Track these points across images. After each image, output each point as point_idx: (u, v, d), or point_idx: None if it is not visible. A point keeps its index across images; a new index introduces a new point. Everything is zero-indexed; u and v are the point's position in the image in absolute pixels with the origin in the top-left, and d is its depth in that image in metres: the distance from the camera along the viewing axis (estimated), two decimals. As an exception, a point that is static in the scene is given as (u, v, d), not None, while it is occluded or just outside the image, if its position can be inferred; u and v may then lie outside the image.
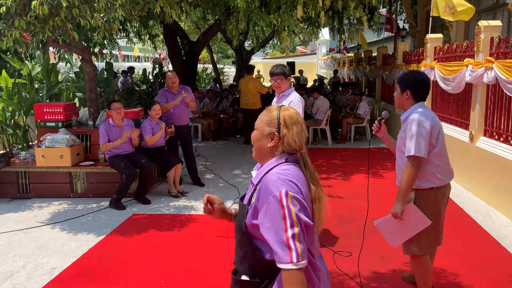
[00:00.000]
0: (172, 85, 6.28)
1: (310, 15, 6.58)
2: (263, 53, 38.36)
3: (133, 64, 26.60)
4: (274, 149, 1.74)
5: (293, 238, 1.54)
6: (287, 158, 1.71)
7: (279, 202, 1.57)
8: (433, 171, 2.89)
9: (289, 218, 1.55)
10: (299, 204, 1.58)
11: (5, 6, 4.39)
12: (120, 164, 5.51)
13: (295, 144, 1.71)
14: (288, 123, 1.72)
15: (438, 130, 2.88)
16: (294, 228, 1.55)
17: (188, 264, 3.86)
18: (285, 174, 1.63)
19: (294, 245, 1.54)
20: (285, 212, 1.56)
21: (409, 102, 2.96)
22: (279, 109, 1.77)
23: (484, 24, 5.65)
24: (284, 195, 1.57)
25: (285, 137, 1.71)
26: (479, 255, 3.99)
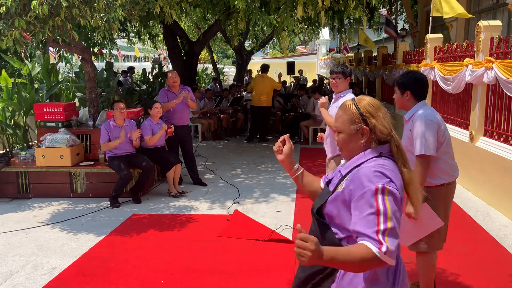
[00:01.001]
0: (173, 85, 6.28)
1: (310, 15, 6.57)
2: (263, 53, 38.34)
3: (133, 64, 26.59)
4: (368, 143, 1.68)
5: (383, 234, 1.48)
6: (381, 152, 1.66)
7: (374, 196, 1.52)
8: (443, 167, 2.92)
9: (384, 214, 1.50)
10: (395, 201, 1.54)
11: (5, 6, 4.39)
12: (119, 165, 5.51)
13: (386, 129, 1.66)
14: (372, 112, 1.67)
15: (443, 127, 2.92)
16: (387, 223, 1.49)
17: (188, 264, 3.86)
18: (382, 168, 1.58)
19: (383, 240, 1.47)
20: (380, 208, 1.51)
21: (411, 102, 2.97)
22: (355, 103, 1.70)
23: (484, 24, 5.65)
24: (381, 190, 1.53)
25: (375, 127, 1.66)
26: (479, 255, 3.99)
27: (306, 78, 21.03)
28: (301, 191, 6.02)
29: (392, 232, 1.49)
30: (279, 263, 3.85)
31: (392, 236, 1.48)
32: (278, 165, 7.71)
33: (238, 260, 3.94)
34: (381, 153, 1.65)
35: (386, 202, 1.51)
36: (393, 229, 1.49)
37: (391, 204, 1.51)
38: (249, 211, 5.26)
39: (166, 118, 6.32)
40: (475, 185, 5.78)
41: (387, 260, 1.47)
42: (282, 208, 5.36)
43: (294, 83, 16.94)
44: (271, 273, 3.68)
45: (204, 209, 5.40)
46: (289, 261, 3.88)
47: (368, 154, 1.65)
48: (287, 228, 4.69)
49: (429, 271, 3.06)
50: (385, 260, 1.47)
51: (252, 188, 6.27)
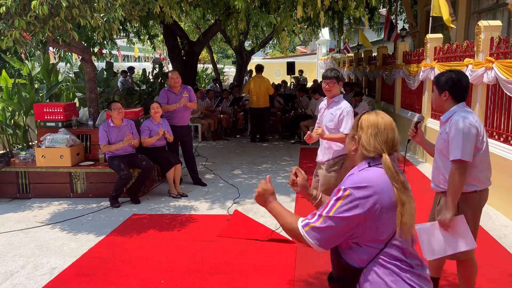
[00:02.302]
0: (174, 85, 6.27)
1: (310, 15, 6.57)
2: (263, 53, 38.36)
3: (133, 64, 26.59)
4: (355, 152, 1.79)
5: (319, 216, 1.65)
6: (369, 162, 1.73)
7: (334, 194, 1.66)
8: (477, 175, 2.80)
9: (329, 209, 1.64)
10: (353, 211, 1.61)
11: (5, 6, 4.39)
12: (119, 165, 5.51)
13: (368, 146, 1.73)
14: (363, 125, 1.76)
15: (483, 133, 2.79)
16: (328, 212, 1.64)
17: (188, 264, 3.86)
18: (359, 175, 1.68)
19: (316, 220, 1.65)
20: (330, 203, 1.65)
21: (449, 103, 2.83)
22: (363, 113, 1.82)
23: (484, 24, 5.65)
24: (342, 191, 1.64)
25: (360, 139, 1.76)
26: (479, 255, 3.97)
27: (306, 78, 21.03)
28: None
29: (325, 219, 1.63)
30: (279, 263, 3.84)
31: (324, 221, 1.64)
32: (278, 165, 7.71)
33: (238, 260, 3.94)
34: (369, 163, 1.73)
35: (338, 201, 1.63)
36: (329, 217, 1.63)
37: (342, 204, 1.62)
38: (249, 211, 5.26)
39: (167, 118, 6.33)
40: (475, 185, 5.77)
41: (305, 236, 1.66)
42: (282, 208, 5.35)
43: (294, 83, 16.94)
44: (271, 273, 3.67)
45: (204, 209, 5.40)
46: (289, 261, 3.88)
47: (362, 165, 1.75)
48: (287, 228, 4.68)
49: (474, 277, 2.99)
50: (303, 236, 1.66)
51: (252, 188, 6.27)
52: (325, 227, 1.63)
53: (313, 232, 1.64)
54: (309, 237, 1.65)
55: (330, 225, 1.62)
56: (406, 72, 9.02)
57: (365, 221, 1.61)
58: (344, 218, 1.61)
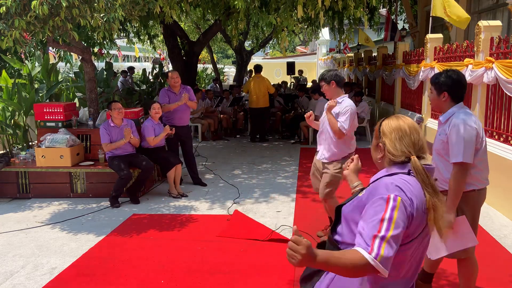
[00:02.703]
0: (174, 85, 6.28)
1: (310, 15, 6.57)
2: (263, 53, 38.36)
3: (133, 64, 26.60)
4: (383, 160, 1.76)
5: (381, 239, 1.51)
6: (407, 169, 1.68)
7: (385, 204, 1.55)
8: (476, 175, 2.83)
9: (388, 221, 1.52)
10: (405, 213, 1.55)
11: (5, 6, 4.39)
12: (119, 165, 5.51)
13: (395, 150, 1.69)
14: (385, 131, 1.74)
15: (482, 133, 2.81)
16: (388, 231, 1.51)
17: (188, 264, 3.86)
18: (398, 181, 1.62)
19: (379, 245, 1.50)
20: (386, 216, 1.53)
21: (448, 104, 2.85)
22: (382, 120, 1.80)
23: (484, 24, 5.65)
24: (393, 200, 1.55)
25: (385, 145, 1.73)
26: (479, 255, 3.96)
27: (306, 78, 21.04)
28: (302, 191, 6.03)
29: (390, 241, 1.50)
30: (279, 263, 3.85)
31: (389, 244, 1.50)
32: (278, 165, 7.71)
33: (238, 260, 3.94)
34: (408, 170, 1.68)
35: (394, 212, 1.53)
36: (393, 237, 1.50)
37: (399, 215, 1.53)
38: (249, 211, 5.26)
39: (167, 118, 6.33)
40: (475, 185, 5.77)
41: (378, 267, 1.48)
42: (282, 208, 5.36)
43: (294, 83, 16.94)
44: (271, 273, 3.68)
45: (204, 209, 5.40)
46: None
47: (392, 169, 1.70)
48: (287, 228, 4.69)
49: (474, 276, 3.01)
50: (377, 267, 1.48)
51: (252, 188, 6.27)
52: (394, 248, 1.51)
53: (387, 260, 1.50)
54: (383, 266, 1.49)
55: (397, 243, 1.53)
56: (406, 72, 9.02)
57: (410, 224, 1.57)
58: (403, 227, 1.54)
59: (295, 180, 6.67)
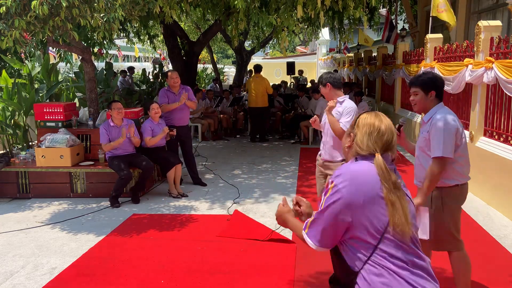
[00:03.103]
0: (173, 85, 6.27)
1: (310, 15, 6.58)
2: (263, 53, 38.35)
3: (133, 64, 26.60)
4: (349, 149, 1.81)
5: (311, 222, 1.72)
6: (356, 158, 1.76)
7: (325, 189, 1.71)
8: (458, 170, 2.95)
9: (320, 205, 1.70)
10: (335, 197, 1.64)
11: (5, 6, 4.39)
12: (119, 165, 5.51)
13: (362, 144, 1.74)
14: (360, 124, 1.78)
15: (461, 130, 2.92)
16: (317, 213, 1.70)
17: (188, 264, 3.86)
18: (344, 167, 1.71)
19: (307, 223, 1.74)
20: (321, 198, 1.71)
21: (433, 103, 2.96)
22: (362, 114, 1.83)
23: (484, 24, 5.65)
24: (329, 184, 1.69)
25: (355, 137, 1.78)
26: (479, 255, 3.99)
27: (306, 78, 21.03)
28: (302, 191, 6.03)
29: (313, 222, 1.70)
30: (279, 263, 3.85)
31: (312, 225, 1.71)
32: (278, 165, 7.71)
33: (238, 260, 3.94)
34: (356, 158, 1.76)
35: (325, 195, 1.68)
36: (316, 218, 1.69)
37: (328, 200, 1.66)
38: (249, 211, 5.26)
39: (166, 118, 6.32)
40: (475, 185, 5.78)
41: (307, 239, 1.72)
42: (282, 208, 5.35)
43: (294, 84, 16.94)
44: (271, 273, 3.67)
45: (204, 209, 5.40)
46: (289, 261, 3.88)
47: (351, 161, 1.78)
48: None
49: (468, 270, 3.07)
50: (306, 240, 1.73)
51: (252, 188, 6.28)
52: (318, 223, 1.68)
53: (311, 231, 1.70)
54: (309, 238, 1.71)
55: (322, 220, 1.67)
56: (406, 72, 9.02)
57: (351, 210, 1.62)
58: (331, 208, 1.64)
59: (295, 180, 6.67)
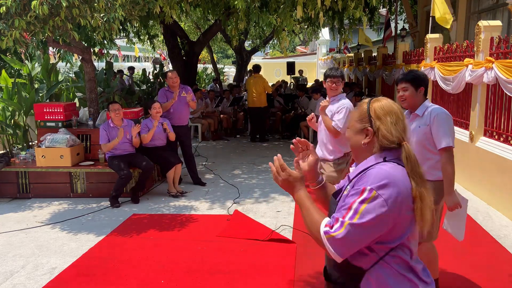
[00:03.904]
0: (173, 85, 6.27)
1: (310, 15, 6.58)
2: (263, 53, 38.34)
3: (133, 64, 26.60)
4: (370, 146, 1.62)
5: (341, 225, 1.47)
6: (385, 157, 1.57)
7: (356, 194, 1.50)
8: None
9: (353, 213, 1.47)
10: (379, 211, 1.45)
11: (5, 6, 4.39)
12: (119, 165, 5.52)
13: (391, 136, 1.57)
14: (379, 114, 1.60)
15: None
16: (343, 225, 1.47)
17: (188, 264, 3.86)
18: (381, 171, 1.51)
19: (337, 229, 1.48)
20: (353, 205, 1.48)
21: (421, 99, 3.04)
22: (369, 102, 1.65)
23: (484, 24, 5.64)
24: (367, 192, 1.47)
25: (379, 130, 1.59)
26: (479, 255, 3.99)
27: (306, 78, 21.04)
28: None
29: (348, 227, 1.46)
30: (279, 263, 3.85)
31: (346, 230, 1.46)
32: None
33: (238, 260, 3.94)
34: (385, 158, 1.58)
35: (363, 203, 1.47)
36: (351, 225, 1.46)
37: (368, 211, 1.46)
38: (249, 211, 5.26)
39: (165, 118, 6.32)
40: (475, 185, 5.78)
41: (325, 244, 1.49)
42: (282, 208, 5.36)
43: (294, 84, 16.94)
44: (271, 273, 3.67)
45: (204, 209, 5.40)
46: (289, 261, 3.88)
47: (376, 159, 1.59)
48: (287, 228, 4.69)
49: (436, 259, 3.18)
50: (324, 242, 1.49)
51: (252, 188, 6.28)
52: (349, 236, 1.46)
53: (335, 242, 1.48)
54: (330, 246, 1.49)
55: (355, 234, 1.46)
56: (406, 72, 9.00)
57: (390, 221, 1.48)
58: (371, 224, 1.45)
59: (295, 180, 6.66)
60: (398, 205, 1.48)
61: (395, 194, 1.47)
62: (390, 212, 1.46)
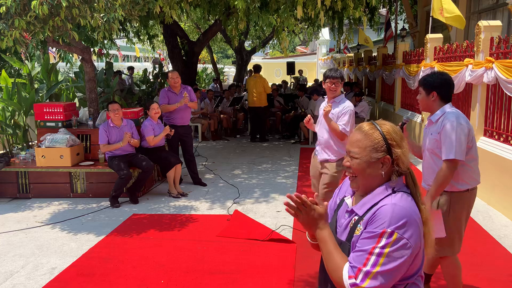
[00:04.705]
0: (174, 85, 6.28)
1: (310, 15, 6.58)
2: (263, 53, 38.34)
3: (133, 64, 26.61)
4: (387, 175, 1.53)
5: (365, 275, 1.39)
6: (394, 188, 1.51)
7: (375, 238, 1.41)
8: (469, 173, 2.88)
9: (375, 260, 1.39)
10: (405, 252, 1.40)
11: (5, 6, 4.39)
12: (119, 165, 5.52)
13: (407, 162, 1.52)
14: (398, 141, 1.51)
15: (472, 132, 2.88)
16: (375, 267, 1.39)
17: (188, 264, 3.86)
18: (396, 209, 1.43)
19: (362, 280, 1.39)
20: (374, 251, 1.40)
21: (437, 104, 2.91)
22: (379, 129, 1.53)
23: (484, 24, 5.65)
24: (387, 236, 1.39)
25: (399, 159, 1.50)
26: (479, 255, 3.99)
27: (306, 78, 21.04)
28: (302, 191, 6.02)
29: (375, 276, 1.39)
30: (279, 263, 3.84)
31: (374, 279, 1.39)
32: (278, 165, 7.71)
33: (238, 260, 3.94)
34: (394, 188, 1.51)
35: (386, 248, 1.39)
36: (378, 273, 1.39)
37: (391, 250, 1.39)
38: (249, 211, 5.26)
39: (167, 118, 6.33)
40: (475, 185, 5.77)
41: None
42: (282, 208, 5.36)
43: (294, 83, 16.94)
44: (271, 273, 3.67)
45: (204, 209, 5.40)
46: (289, 261, 3.88)
47: (384, 191, 1.51)
48: (287, 228, 4.69)
49: (457, 274, 3.06)
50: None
51: (252, 188, 6.28)
52: (379, 280, 1.38)
53: (373, 281, 1.38)
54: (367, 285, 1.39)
55: (381, 281, 1.38)
56: (406, 72, 9.02)
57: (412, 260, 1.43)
58: (396, 268, 1.38)
59: (295, 180, 6.67)
60: (420, 240, 1.43)
61: (416, 230, 1.42)
62: (414, 250, 1.42)
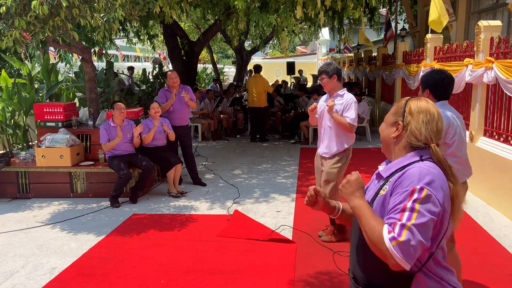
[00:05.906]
0: (173, 85, 6.27)
1: (310, 15, 6.58)
2: (263, 53, 38.35)
3: (133, 64, 26.61)
4: (398, 140, 1.63)
5: (401, 228, 1.43)
6: (422, 156, 1.56)
7: (407, 195, 1.46)
8: None
9: (409, 214, 1.43)
10: (435, 208, 1.45)
11: (5, 6, 4.39)
12: (119, 165, 5.52)
13: (419, 134, 1.57)
14: (413, 111, 1.60)
15: (455, 130, 2.88)
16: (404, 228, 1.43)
17: (188, 264, 3.86)
18: (424, 170, 1.49)
19: (399, 233, 1.42)
20: (407, 205, 1.45)
21: None
22: (409, 99, 1.66)
23: (484, 24, 5.65)
24: (418, 191, 1.45)
25: (408, 126, 1.59)
26: (479, 255, 3.99)
27: (306, 78, 21.05)
28: (302, 191, 6.02)
29: (411, 229, 1.42)
30: (279, 263, 3.84)
31: (410, 232, 1.42)
32: (278, 165, 7.71)
33: (238, 260, 3.94)
34: (422, 156, 1.57)
35: (417, 202, 1.44)
36: (413, 225, 1.42)
37: (422, 212, 1.44)
38: (249, 211, 5.26)
39: (166, 118, 6.33)
40: (475, 185, 5.77)
41: (393, 253, 1.41)
42: (282, 208, 5.36)
43: (294, 83, 16.95)
44: (271, 273, 3.67)
45: (204, 209, 5.40)
46: (289, 261, 3.88)
47: (413, 157, 1.58)
48: (287, 228, 4.69)
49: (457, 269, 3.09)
50: (391, 252, 1.42)
51: (252, 188, 6.28)
52: (413, 238, 1.42)
53: (402, 247, 1.41)
54: (398, 253, 1.41)
55: (418, 234, 1.42)
56: (406, 72, 9.02)
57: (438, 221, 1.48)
58: (429, 222, 1.43)
59: (295, 180, 6.67)
60: (446, 202, 1.49)
61: (443, 191, 1.48)
62: (440, 208, 1.47)
